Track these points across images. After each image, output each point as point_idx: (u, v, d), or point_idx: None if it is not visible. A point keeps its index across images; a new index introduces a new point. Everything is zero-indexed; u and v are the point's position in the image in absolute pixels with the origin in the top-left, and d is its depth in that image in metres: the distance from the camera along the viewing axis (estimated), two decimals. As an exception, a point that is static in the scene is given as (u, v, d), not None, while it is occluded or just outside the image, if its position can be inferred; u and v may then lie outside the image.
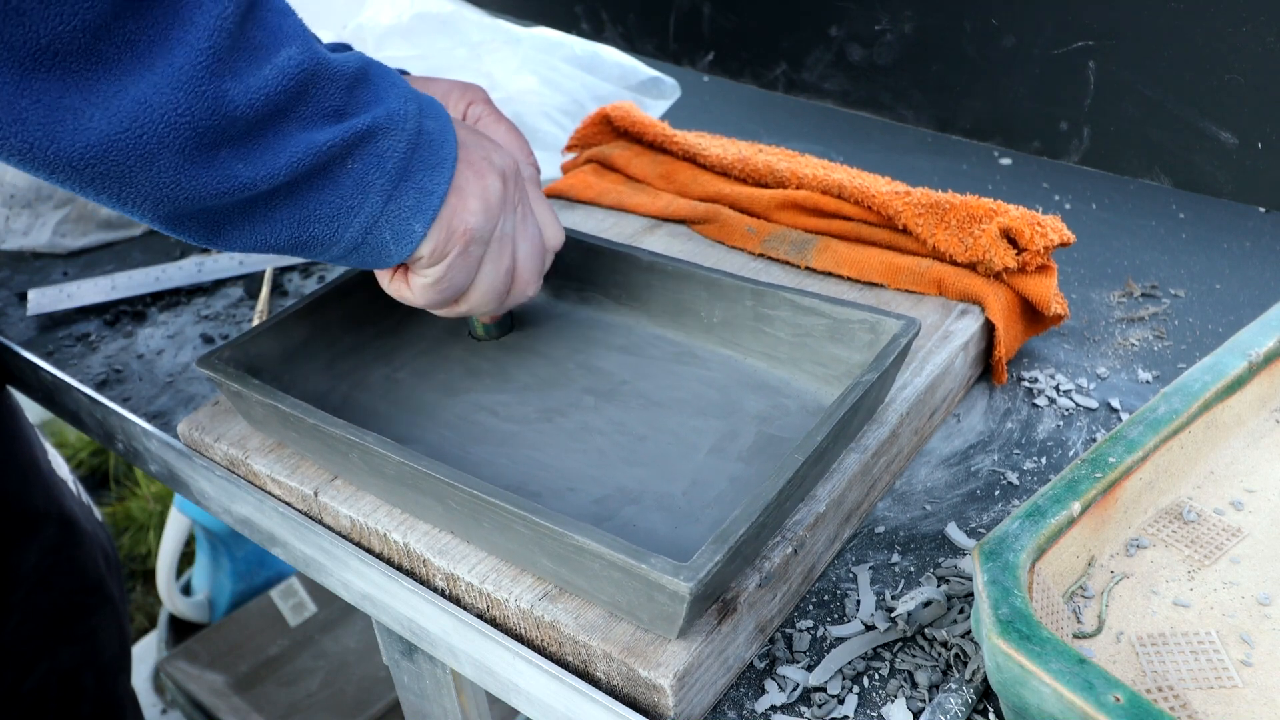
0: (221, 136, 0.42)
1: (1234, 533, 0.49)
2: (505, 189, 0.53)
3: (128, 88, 0.39)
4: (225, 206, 0.45)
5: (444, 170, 0.50)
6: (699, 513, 0.51)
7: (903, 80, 0.81)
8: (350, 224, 0.48)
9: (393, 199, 0.48)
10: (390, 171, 0.48)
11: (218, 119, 0.41)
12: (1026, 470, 0.58)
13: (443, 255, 0.51)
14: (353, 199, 0.47)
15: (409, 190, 0.49)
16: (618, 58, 1.00)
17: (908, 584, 0.52)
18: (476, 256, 0.53)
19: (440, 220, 0.50)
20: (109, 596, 0.93)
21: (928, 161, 0.94)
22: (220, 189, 0.43)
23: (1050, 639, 0.38)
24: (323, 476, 0.55)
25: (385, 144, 0.47)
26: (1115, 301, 0.73)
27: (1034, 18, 0.73)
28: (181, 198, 0.43)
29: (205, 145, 0.42)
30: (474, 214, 0.51)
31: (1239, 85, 0.67)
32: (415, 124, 0.49)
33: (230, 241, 0.47)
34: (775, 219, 0.72)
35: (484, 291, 0.55)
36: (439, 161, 0.50)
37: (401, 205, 0.49)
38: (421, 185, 0.49)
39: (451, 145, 0.50)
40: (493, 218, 0.52)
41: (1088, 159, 0.76)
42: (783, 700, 0.46)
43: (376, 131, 0.47)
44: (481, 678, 0.51)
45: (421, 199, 0.49)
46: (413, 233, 0.50)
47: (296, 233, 0.47)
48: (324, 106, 0.45)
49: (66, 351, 0.74)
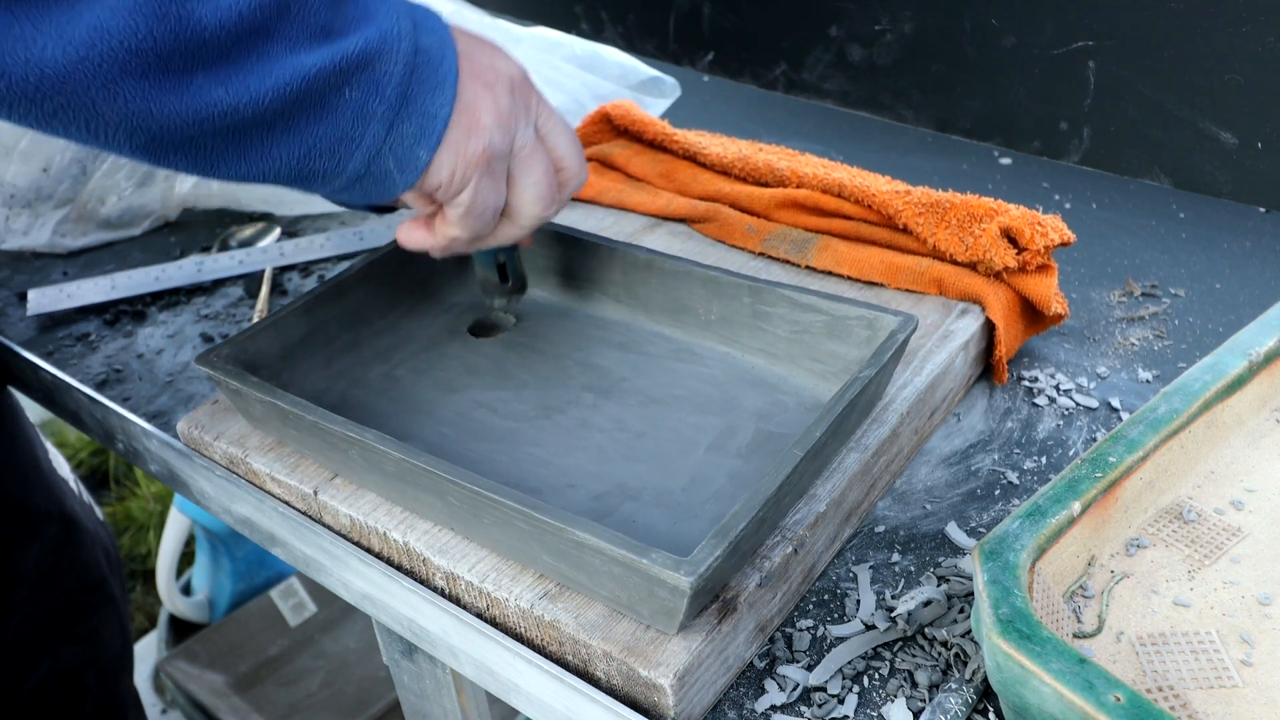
0: (193, 60, 0.40)
1: (1234, 532, 0.49)
2: (515, 96, 0.50)
3: (82, 14, 0.38)
4: (211, 135, 0.42)
5: (446, 90, 0.47)
6: (698, 508, 0.51)
7: (903, 80, 0.81)
8: (353, 155, 0.46)
9: (395, 126, 0.46)
10: (390, 98, 0.46)
11: (185, 41, 0.39)
12: (1026, 470, 0.58)
13: (465, 180, 0.49)
14: (353, 129, 0.45)
15: (411, 115, 0.47)
16: (618, 57, 1.00)
17: (908, 584, 0.52)
18: (503, 172, 0.51)
19: (449, 143, 0.48)
20: (110, 596, 0.93)
21: (928, 161, 0.94)
22: (199, 116, 0.41)
23: (1050, 639, 0.38)
24: (322, 475, 0.55)
25: (382, 69, 0.45)
26: (1115, 301, 0.73)
27: (1034, 18, 0.73)
28: (155, 127, 0.41)
29: (174, 70, 0.40)
30: (487, 130, 0.49)
31: (1239, 85, 0.67)
32: (411, 42, 0.46)
33: (226, 172, 0.45)
34: (775, 218, 0.72)
35: (532, 200, 0.53)
36: (440, 80, 0.47)
37: (405, 132, 0.47)
38: (424, 109, 0.47)
39: (452, 61, 0.48)
40: (509, 130, 0.50)
41: (1088, 159, 0.76)
42: (783, 700, 0.46)
43: (371, 56, 0.45)
44: (481, 678, 0.51)
45: (425, 123, 0.47)
46: (418, 159, 0.48)
47: (296, 166, 0.45)
48: (309, 24, 0.43)
49: (66, 351, 0.74)
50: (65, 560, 0.88)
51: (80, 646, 0.90)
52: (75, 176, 0.85)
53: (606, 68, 0.99)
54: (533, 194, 0.53)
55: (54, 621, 0.87)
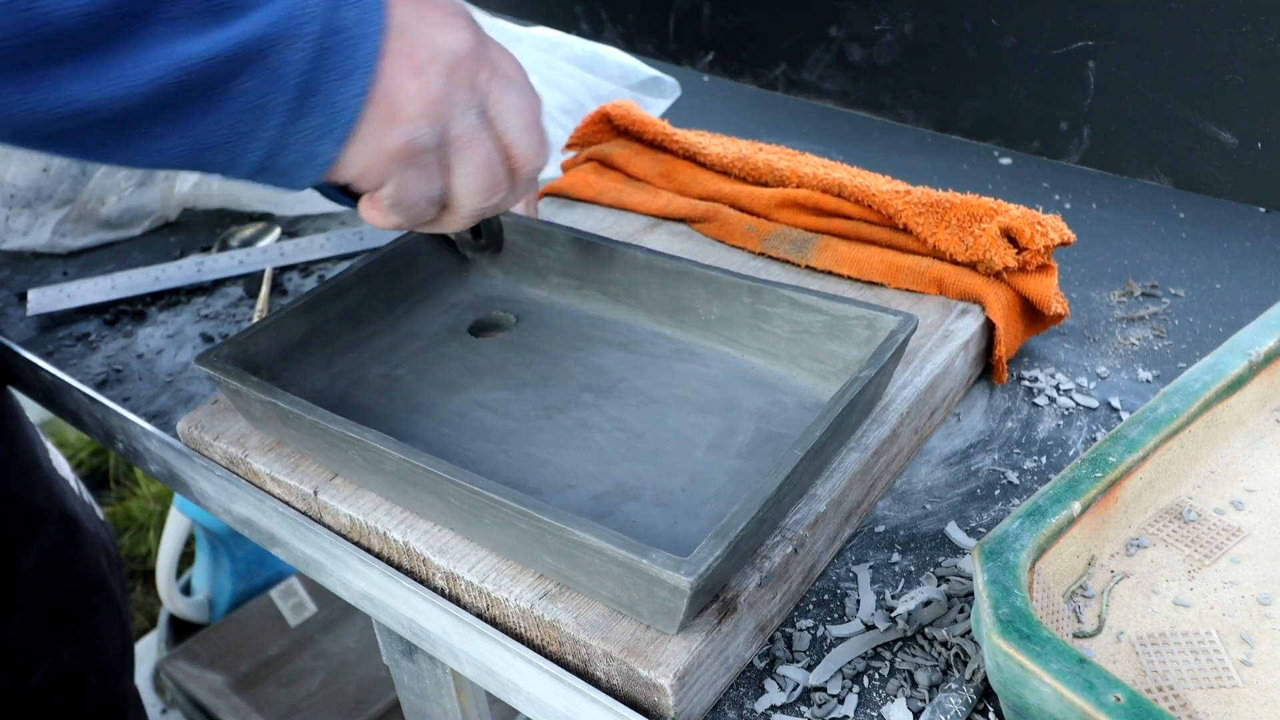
0: (44, 54, 0.36)
1: (1234, 532, 0.49)
2: (455, 76, 0.45)
3: None
4: (82, 129, 0.38)
5: (358, 78, 0.42)
6: (698, 508, 0.51)
7: (903, 80, 0.81)
8: (248, 149, 0.42)
9: (295, 120, 0.41)
10: (290, 89, 0.40)
11: (32, 34, 0.35)
12: (1026, 470, 0.58)
13: (385, 175, 0.45)
14: (247, 124, 0.41)
15: (314, 108, 0.41)
16: (618, 57, 1.00)
17: (908, 583, 0.52)
18: (433, 164, 0.46)
19: (362, 136, 0.43)
20: (111, 595, 0.93)
21: (928, 161, 0.94)
22: (61, 112, 0.37)
23: (1050, 639, 0.38)
24: (322, 475, 0.55)
25: (281, 56, 0.40)
26: (1115, 301, 0.73)
27: (1034, 18, 0.73)
28: (13, 123, 0.37)
29: (20, 65, 0.36)
30: (410, 121, 0.44)
31: (1239, 85, 0.67)
32: (321, 23, 0.40)
33: (114, 160, 0.41)
34: (775, 218, 0.72)
35: (470, 192, 0.48)
36: (353, 67, 0.42)
37: (306, 126, 0.42)
38: (330, 100, 0.42)
39: (373, 42, 0.42)
40: (439, 118, 0.45)
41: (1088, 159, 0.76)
42: (783, 700, 0.46)
43: (269, 42, 0.39)
44: (481, 678, 0.51)
45: (331, 116, 0.42)
46: (323, 155, 0.43)
47: (187, 159, 0.41)
48: (195, 3, 0.38)
49: (66, 351, 0.74)
50: (65, 560, 0.88)
51: (80, 646, 0.90)
52: (75, 176, 0.85)
53: (606, 68, 0.99)
54: (470, 185, 0.48)
55: (54, 621, 0.87)
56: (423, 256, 0.68)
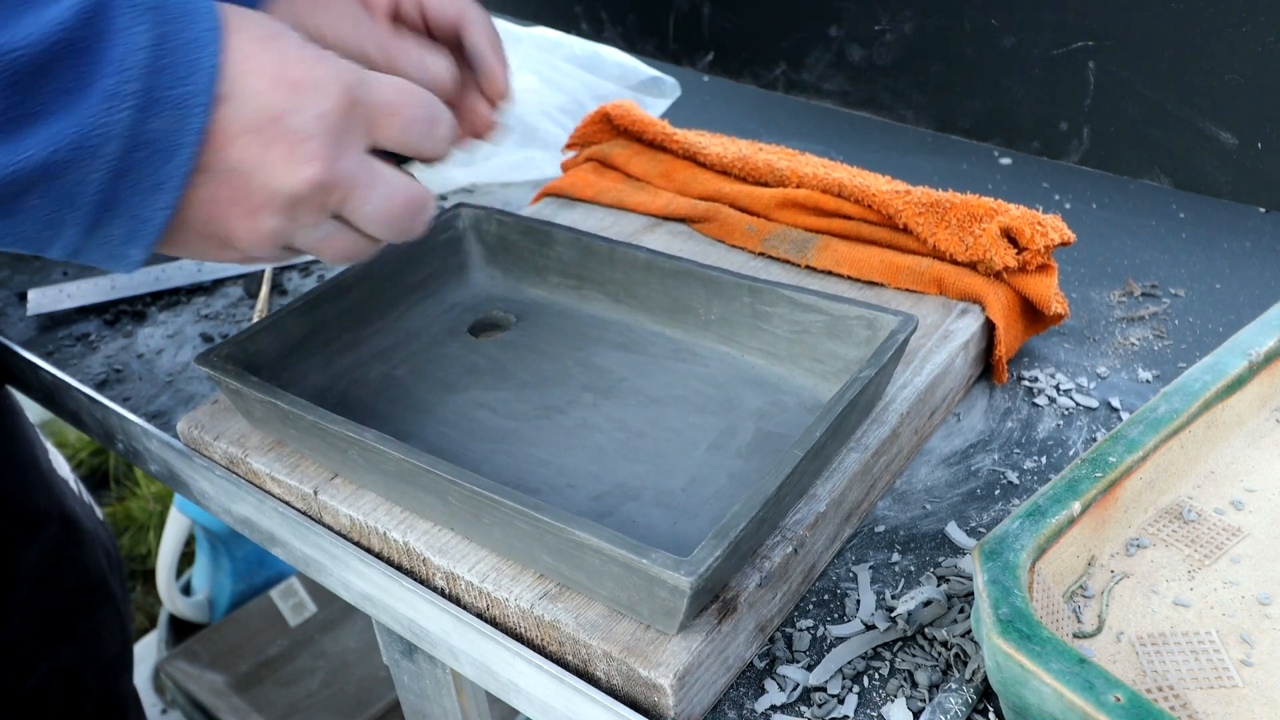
0: None
1: (1234, 532, 0.49)
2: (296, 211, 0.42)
3: None
4: None
5: (165, 193, 0.39)
6: (698, 508, 0.51)
7: (903, 80, 0.81)
8: (50, 248, 0.40)
9: (95, 230, 0.39)
10: (87, 205, 0.38)
11: None
12: (1026, 470, 0.58)
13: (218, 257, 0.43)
14: (42, 232, 0.39)
15: (117, 219, 0.39)
16: (618, 57, 1.00)
17: (908, 583, 0.52)
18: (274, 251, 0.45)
19: (182, 243, 0.42)
20: (111, 595, 0.93)
21: (928, 161, 0.94)
22: None
23: (1050, 639, 0.38)
24: (322, 475, 0.55)
25: (75, 176, 0.37)
26: (1115, 301, 0.73)
27: (1034, 18, 0.73)
28: None
29: None
30: (242, 248, 0.43)
31: (1239, 85, 0.67)
32: (124, 141, 0.37)
33: None
34: (775, 218, 0.72)
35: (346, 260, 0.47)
36: (159, 181, 0.39)
37: (108, 234, 0.40)
38: (134, 212, 0.39)
39: (186, 154, 0.39)
40: (278, 240, 0.43)
41: (1088, 159, 0.76)
42: (783, 700, 0.46)
43: (60, 166, 0.37)
44: (481, 678, 0.51)
45: (135, 226, 0.40)
46: (129, 257, 0.41)
47: None
48: None
49: (66, 351, 0.74)
50: (65, 560, 0.88)
51: (80, 646, 0.90)
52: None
53: (606, 68, 0.99)
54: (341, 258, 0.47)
55: (54, 621, 0.87)
56: (423, 256, 0.68)
